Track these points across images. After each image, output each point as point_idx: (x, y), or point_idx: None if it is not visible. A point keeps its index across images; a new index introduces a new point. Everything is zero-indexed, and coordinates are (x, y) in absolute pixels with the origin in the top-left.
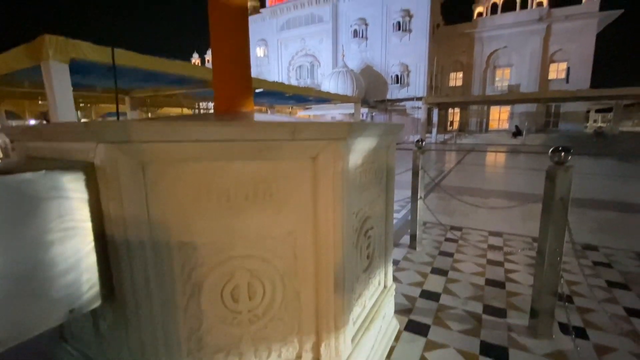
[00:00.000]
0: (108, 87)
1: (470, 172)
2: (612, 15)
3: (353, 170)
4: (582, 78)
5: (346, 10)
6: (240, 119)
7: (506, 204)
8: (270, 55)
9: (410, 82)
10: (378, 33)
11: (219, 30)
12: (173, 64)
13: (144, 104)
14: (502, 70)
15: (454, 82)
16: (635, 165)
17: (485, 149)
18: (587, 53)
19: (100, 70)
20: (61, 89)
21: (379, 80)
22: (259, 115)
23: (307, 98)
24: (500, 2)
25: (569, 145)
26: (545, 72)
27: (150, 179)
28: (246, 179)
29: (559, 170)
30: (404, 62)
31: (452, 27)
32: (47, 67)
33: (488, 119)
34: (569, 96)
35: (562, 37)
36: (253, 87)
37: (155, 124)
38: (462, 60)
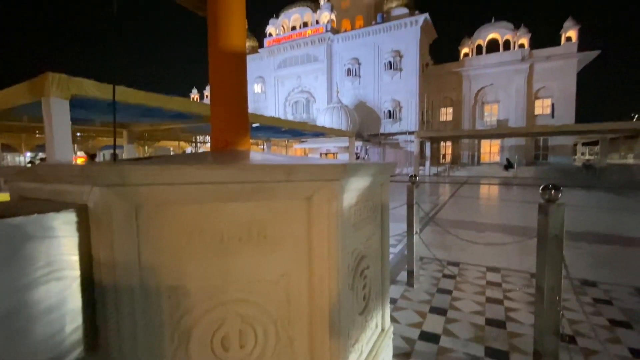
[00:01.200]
0: (106, 121)
1: (465, 204)
2: (591, 56)
3: (348, 209)
4: (567, 113)
5: (340, 50)
6: (236, 159)
7: (502, 238)
8: (267, 92)
9: (403, 117)
10: (370, 71)
11: (218, 72)
12: (172, 100)
13: (142, 137)
14: (490, 106)
15: (445, 117)
16: (626, 198)
17: (478, 182)
18: (569, 90)
19: (100, 105)
20: (60, 124)
21: (372, 115)
22: (254, 154)
23: (303, 132)
24: (484, 43)
25: (560, 179)
26: (531, 108)
27: (143, 222)
28: (240, 220)
29: (551, 208)
30: (395, 99)
31: (441, 66)
32: (47, 103)
33: (479, 152)
34: (555, 131)
35: (544, 75)
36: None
37: (151, 167)
38: (451, 97)
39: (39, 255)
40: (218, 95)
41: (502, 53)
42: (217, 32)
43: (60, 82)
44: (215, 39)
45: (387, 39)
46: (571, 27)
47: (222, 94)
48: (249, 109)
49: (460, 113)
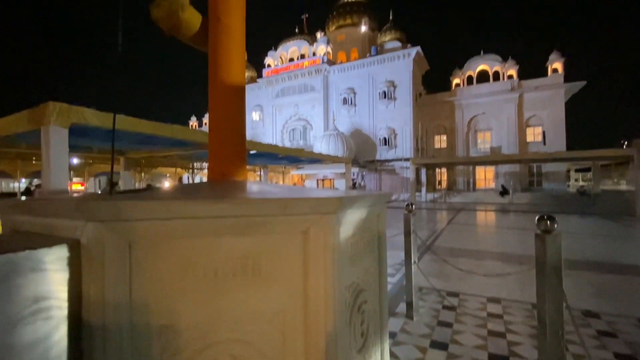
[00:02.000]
0: (104, 148)
1: (463, 232)
2: (577, 86)
3: (344, 242)
4: (558, 140)
5: (336, 80)
6: (232, 191)
7: (501, 267)
8: (265, 120)
9: (398, 144)
10: (366, 101)
11: (217, 105)
12: (171, 128)
13: (139, 164)
14: (483, 134)
15: (439, 144)
16: (623, 225)
17: (475, 208)
18: (558, 118)
19: (99, 133)
20: (58, 152)
21: (368, 142)
22: (251, 184)
23: (300, 159)
24: (474, 74)
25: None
26: (523, 135)
27: (136, 258)
28: (235, 254)
29: (548, 239)
30: (390, 126)
31: (433, 95)
32: (47, 131)
33: (474, 178)
34: (547, 158)
35: (533, 104)
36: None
37: (146, 202)
38: (445, 125)
39: (27, 293)
40: (217, 127)
41: (492, 84)
42: (218, 68)
43: (61, 111)
44: (215, 74)
45: (381, 70)
46: (556, 60)
47: (221, 126)
48: (247, 136)
49: (454, 140)
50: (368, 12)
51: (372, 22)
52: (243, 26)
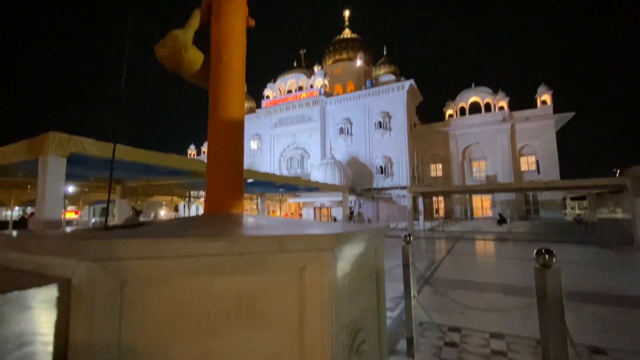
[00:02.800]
0: (101, 177)
1: (462, 262)
2: (566, 117)
3: (342, 279)
4: (552, 169)
5: (333, 111)
6: (228, 225)
7: (503, 299)
8: (263, 148)
9: (394, 173)
10: (362, 130)
11: (216, 139)
12: (169, 158)
13: (135, 192)
14: (478, 163)
15: (435, 172)
16: (621, 254)
17: (473, 237)
18: (550, 148)
19: (97, 162)
20: (54, 182)
21: (364, 171)
22: (247, 217)
23: (297, 187)
24: (467, 106)
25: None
26: (517, 164)
27: (126, 298)
28: (229, 294)
29: (548, 274)
30: (387, 155)
31: (427, 125)
32: (45, 161)
33: (472, 207)
34: (542, 187)
35: (525, 134)
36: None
37: (140, 240)
38: (440, 154)
39: (12, 333)
40: (215, 161)
41: (484, 115)
42: (218, 105)
43: (61, 141)
44: (215, 110)
45: (376, 101)
46: (545, 92)
47: (219, 160)
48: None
49: (449, 169)
50: (363, 47)
51: (367, 56)
52: (243, 65)
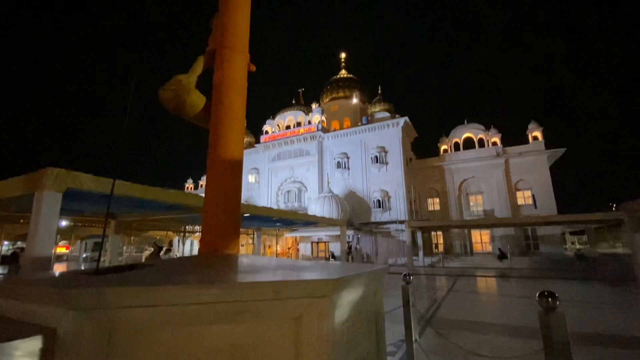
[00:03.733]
0: (95, 211)
1: (464, 300)
2: (558, 152)
3: (339, 327)
4: (548, 203)
5: (330, 146)
6: (222, 268)
7: (508, 342)
8: (261, 182)
9: (392, 207)
10: (359, 165)
11: (214, 179)
12: (167, 193)
13: (130, 227)
14: (475, 197)
15: (432, 206)
16: (625, 292)
17: (474, 274)
18: (545, 183)
19: (93, 197)
20: (48, 217)
21: (362, 205)
22: (242, 258)
23: (294, 221)
24: (461, 141)
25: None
26: (513, 199)
27: (115, 349)
28: (221, 344)
29: (552, 317)
30: (384, 189)
31: (423, 160)
32: (40, 196)
33: (471, 241)
34: (540, 221)
35: (520, 169)
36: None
37: (131, 289)
38: (436, 188)
39: None
40: (212, 201)
41: (478, 150)
42: (217, 146)
43: (59, 176)
44: (214, 151)
45: (372, 137)
46: (535, 129)
47: (217, 200)
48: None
49: (447, 203)
50: (359, 86)
51: (363, 95)
52: (244, 108)
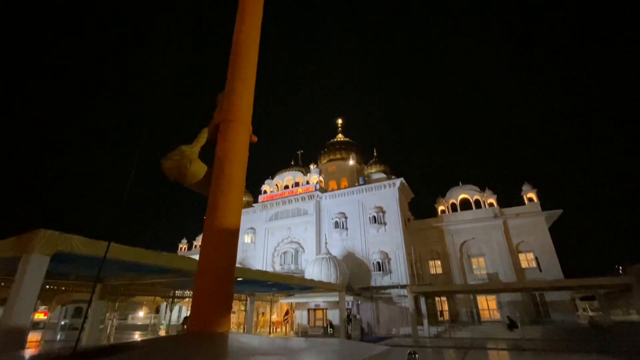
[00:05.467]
0: (82, 275)
1: None
2: (555, 214)
3: None
4: (552, 266)
5: (328, 205)
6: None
7: None
8: (257, 242)
9: (392, 270)
10: (357, 225)
11: (209, 250)
12: (160, 257)
13: (116, 292)
14: (477, 260)
15: (434, 269)
16: None
17: (485, 345)
18: (547, 244)
19: (82, 260)
20: (32, 282)
21: (361, 267)
22: (233, 337)
23: (290, 285)
24: (457, 202)
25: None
26: (516, 261)
27: None
28: None
29: None
30: (383, 250)
31: (421, 221)
32: (27, 260)
33: (478, 308)
34: (547, 286)
35: (519, 231)
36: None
37: None
38: (437, 250)
39: None
40: (205, 273)
41: (475, 211)
42: (215, 215)
43: (50, 239)
44: (212, 219)
45: (369, 197)
46: (529, 190)
47: (210, 272)
48: (237, 260)
49: (448, 265)
50: (355, 148)
51: (359, 156)
52: (244, 178)
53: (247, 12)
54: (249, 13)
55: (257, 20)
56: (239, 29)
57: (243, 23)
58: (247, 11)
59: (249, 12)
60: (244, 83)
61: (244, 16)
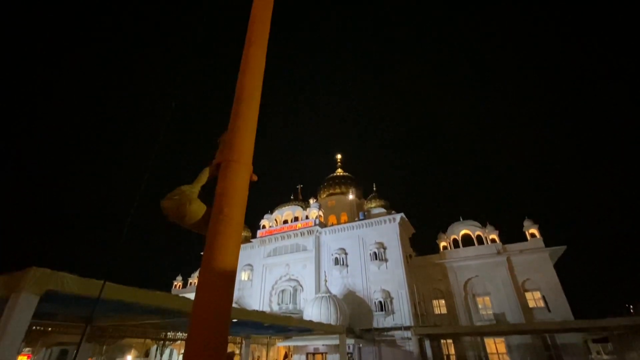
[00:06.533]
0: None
1: None
2: (559, 250)
3: None
4: (561, 306)
5: (327, 241)
6: None
7: None
8: (254, 279)
9: (395, 310)
10: (357, 261)
11: (205, 291)
12: (154, 296)
13: (104, 333)
14: (482, 299)
15: (438, 309)
16: None
17: None
18: (553, 282)
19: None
20: (19, 323)
21: (363, 307)
22: None
23: (288, 327)
24: (459, 237)
25: None
26: (523, 300)
27: None
28: None
29: None
30: (385, 289)
31: (423, 257)
32: (16, 299)
33: (486, 352)
34: (557, 328)
35: (524, 268)
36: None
37: None
38: (441, 288)
39: None
40: (200, 315)
41: (477, 247)
42: (212, 256)
43: (41, 277)
44: (209, 260)
45: (370, 232)
46: (531, 226)
47: (205, 314)
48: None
49: (453, 305)
50: (354, 183)
51: (359, 191)
52: (242, 218)
53: (251, 59)
54: (253, 59)
55: (261, 66)
56: (242, 74)
57: (247, 69)
58: (251, 57)
59: (253, 58)
60: (246, 124)
61: (248, 62)
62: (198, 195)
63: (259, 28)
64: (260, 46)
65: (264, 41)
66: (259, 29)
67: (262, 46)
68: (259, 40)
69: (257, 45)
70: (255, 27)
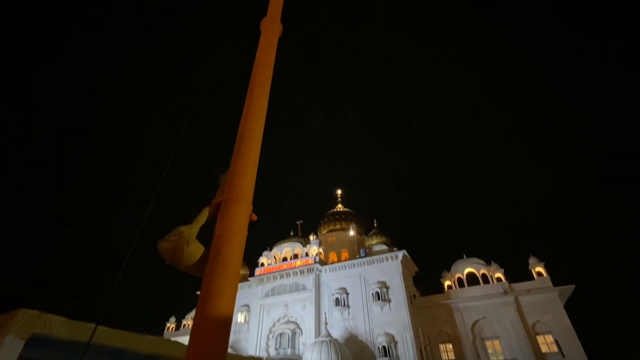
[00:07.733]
0: None
1: None
2: (568, 289)
3: None
4: (576, 351)
5: (328, 280)
6: None
7: None
8: (250, 321)
9: (400, 355)
10: (359, 302)
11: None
12: (146, 341)
13: None
14: (492, 343)
15: (446, 354)
16: None
17: None
18: (565, 324)
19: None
20: None
21: (365, 352)
22: None
23: None
24: (464, 276)
25: None
26: (535, 345)
27: None
28: None
29: None
30: (389, 332)
31: (428, 298)
32: None
33: None
34: None
35: (533, 309)
36: None
37: None
38: (447, 331)
39: None
40: None
41: (483, 286)
42: (208, 297)
43: (28, 320)
44: (204, 302)
45: (372, 270)
46: (537, 264)
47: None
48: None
49: (461, 351)
50: (355, 219)
51: (359, 227)
52: (240, 259)
53: (255, 101)
54: (256, 102)
55: (263, 108)
56: (245, 116)
57: (250, 111)
58: (255, 100)
59: (256, 101)
60: (247, 165)
61: (251, 105)
62: (197, 236)
63: (262, 72)
64: (263, 89)
65: (266, 85)
66: (263, 74)
67: (264, 90)
68: (262, 84)
69: (260, 88)
70: (258, 72)
